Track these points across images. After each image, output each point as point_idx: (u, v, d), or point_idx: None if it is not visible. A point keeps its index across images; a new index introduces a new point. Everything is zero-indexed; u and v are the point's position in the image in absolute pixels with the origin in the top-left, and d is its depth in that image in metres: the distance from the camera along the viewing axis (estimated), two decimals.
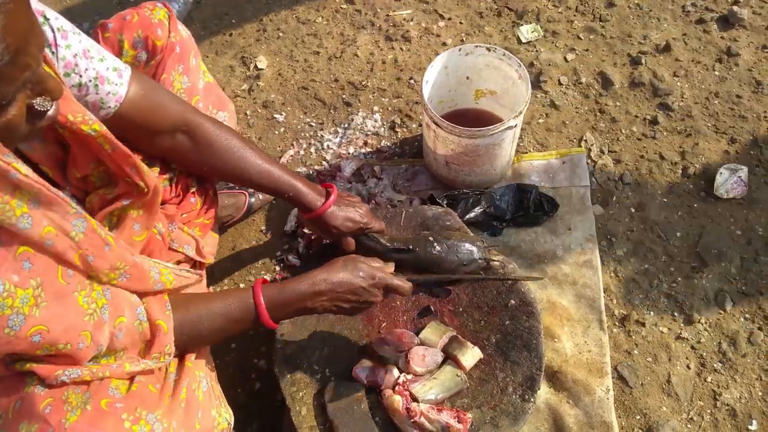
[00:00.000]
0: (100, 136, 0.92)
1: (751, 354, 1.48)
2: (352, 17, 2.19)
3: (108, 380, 0.87)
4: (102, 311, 0.86)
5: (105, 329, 0.87)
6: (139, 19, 1.13)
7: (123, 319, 0.90)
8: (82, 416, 0.79)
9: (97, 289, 0.87)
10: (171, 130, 1.12)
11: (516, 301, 1.30)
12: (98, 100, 0.99)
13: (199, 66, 1.28)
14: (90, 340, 0.84)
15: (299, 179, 1.23)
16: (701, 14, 2.08)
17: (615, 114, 1.89)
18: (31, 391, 0.81)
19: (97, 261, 0.87)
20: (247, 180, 1.20)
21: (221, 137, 1.16)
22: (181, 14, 2.20)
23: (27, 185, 0.76)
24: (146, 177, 1.01)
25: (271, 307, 1.06)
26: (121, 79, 1.02)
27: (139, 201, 1.03)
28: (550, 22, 2.11)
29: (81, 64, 0.95)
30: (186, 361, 1.01)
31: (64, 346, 0.81)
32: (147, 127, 1.09)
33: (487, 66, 1.65)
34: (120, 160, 0.97)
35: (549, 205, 1.67)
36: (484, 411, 1.19)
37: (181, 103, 1.14)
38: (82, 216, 0.85)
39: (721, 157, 1.78)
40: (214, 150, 1.16)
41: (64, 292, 0.81)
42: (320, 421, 1.19)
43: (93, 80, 0.97)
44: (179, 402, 0.92)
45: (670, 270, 1.61)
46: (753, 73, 1.93)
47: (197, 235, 1.25)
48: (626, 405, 1.44)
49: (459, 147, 1.55)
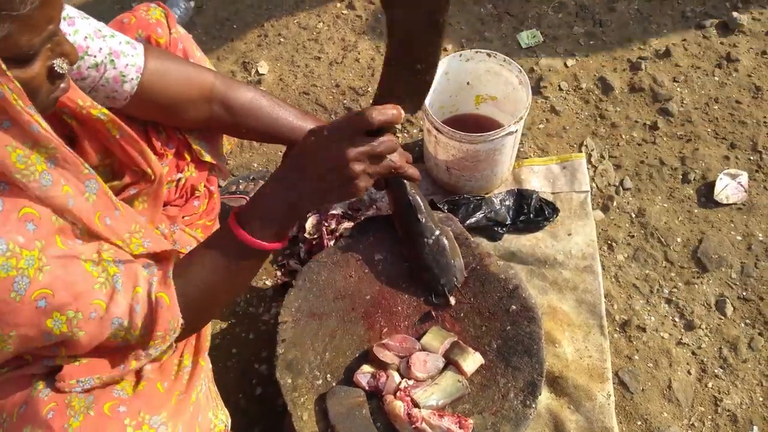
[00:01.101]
0: (109, 120, 0.94)
1: (751, 359, 1.48)
2: (353, 23, 2.20)
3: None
4: (115, 279, 0.82)
5: (120, 300, 0.82)
6: (137, 20, 1.14)
7: (140, 289, 0.85)
8: (84, 421, 0.79)
9: (107, 258, 0.83)
10: (202, 98, 1.13)
11: (517, 307, 1.30)
12: (118, 74, 1.00)
13: (204, 58, 1.30)
14: (104, 310, 0.81)
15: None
16: (701, 20, 2.08)
17: (615, 119, 1.89)
18: (35, 395, 0.81)
19: (113, 223, 0.86)
20: (283, 137, 1.22)
21: (253, 99, 1.18)
22: (182, 19, 2.21)
23: (46, 140, 0.76)
24: (153, 164, 1.02)
25: (246, 220, 0.91)
26: (136, 50, 1.03)
27: (146, 190, 1.03)
28: (550, 27, 2.12)
29: (93, 45, 0.97)
30: (200, 359, 1.00)
31: (74, 314, 0.78)
32: (177, 97, 1.10)
33: (487, 72, 1.66)
34: (129, 145, 0.98)
35: (549, 210, 1.67)
36: (486, 416, 1.19)
37: (207, 70, 1.16)
38: (93, 177, 0.85)
39: (721, 162, 1.78)
40: (249, 112, 1.18)
41: (67, 256, 0.78)
42: (322, 427, 1.19)
43: (108, 56, 0.98)
44: (189, 404, 0.90)
45: (670, 275, 1.61)
46: (752, 79, 1.93)
47: (200, 236, 1.25)
48: (627, 411, 1.44)
49: (460, 152, 1.55)
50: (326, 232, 1.64)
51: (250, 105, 1.18)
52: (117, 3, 2.35)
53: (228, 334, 1.61)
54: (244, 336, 1.61)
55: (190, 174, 1.24)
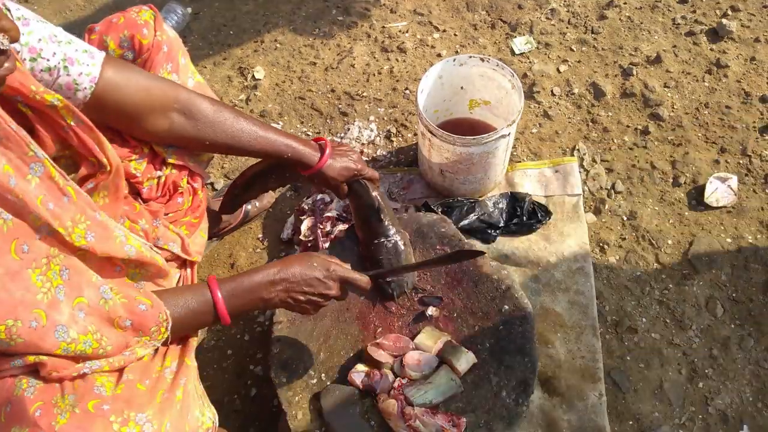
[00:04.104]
0: (63, 107, 0.93)
1: (741, 360, 1.50)
2: (349, 29, 2.23)
3: (93, 378, 0.87)
4: (57, 291, 0.85)
5: (63, 309, 0.84)
6: (125, 20, 1.15)
7: (82, 299, 0.88)
8: (71, 419, 0.79)
9: (54, 269, 0.85)
10: (163, 109, 1.13)
11: (510, 307, 1.32)
12: (71, 81, 1.00)
13: (189, 65, 1.29)
14: (45, 320, 0.82)
15: (294, 139, 1.26)
16: (691, 27, 2.12)
17: (607, 124, 1.92)
18: (20, 394, 0.81)
19: (57, 209, 0.86)
20: (247, 149, 1.22)
21: (217, 111, 1.18)
22: (179, 25, 2.23)
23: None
24: (109, 154, 1.01)
25: (227, 297, 1.05)
26: (93, 60, 1.02)
27: (104, 182, 1.02)
28: (543, 34, 2.15)
29: (46, 48, 0.96)
30: (186, 359, 1.01)
31: (13, 323, 0.79)
32: (135, 109, 1.09)
33: (481, 76, 1.68)
34: (83, 133, 0.97)
35: (542, 213, 1.69)
36: (479, 415, 1.20)
37: (169, 83, 1.15)
38: (39, 161, 0.84)
39: (711, 166, 1.81)
40: (213, 124, 1.18)
41: (16, 268, 0.80)
42: (316, 426, 1.20)
43: (62, 62, 0.98)
44: (175, 401, 0.91)
45: (661, 277, 1.63)
46: (742, 84, 1.97)
47: (184, 233, 1.25)
48: (619, 410, 1.45)
49: (453, 155, 1.57)
50: (321, 234, 1.66)
51: (214, 116, 1.18)
52: (113, 9, 2.37)
53: (223, 335, 1.62)
54: (239, 338, 1.62)
55: (170, 171, 1.24)
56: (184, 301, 1.03)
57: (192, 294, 1.04)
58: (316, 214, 1.72)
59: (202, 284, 1.06)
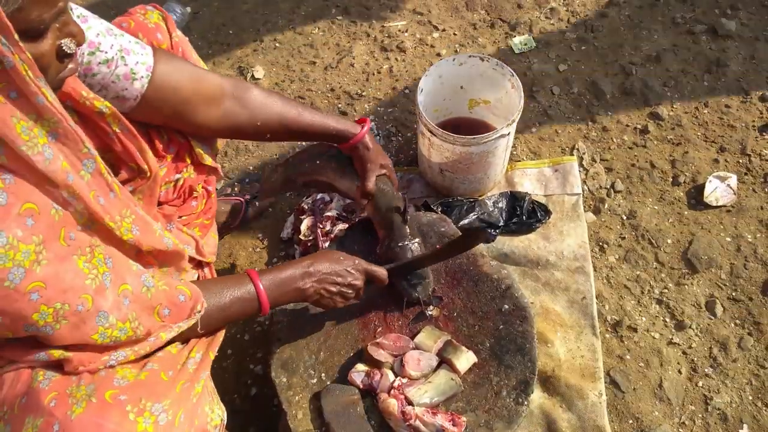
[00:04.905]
0: (110, 114, 0.97)
1: (741, 359, 1.50)
2: (348, 28, 2.23)
3: (114, 371, 0.88)
4: (104, 277, 0.87)
5: (108, 295, 0.86)
6: (136, 24, 1.15)
7: (127, 286, 0.90)
8: (87, 408, 0.80)
9: (99, 257, 0.87)
10: (215, 97, 1.16)
11: (509, 306, 1.32)
12: (129, 71, 1.02)
13: (199, 62, 1.32)
14: (91, 304, 0.84)
15: (332, 118, 1.32)
16: (690, 26, 2.12)
17: (606, 123, 1.92)
18: (36, 386, 0.82)
19: (107, 204, 0.89)
20: (293, 128, 1.27)
21: (265, 94, 1.24)
22: (178, 25, 2.23)
23: (50, 112, 0.78)
24: (150, 160, 1.05)
25: (268, 287, 1.10)
26: (145, 50, 1.05)
27: (141, 187, 1.06)
28: (542, 33, 2.15)
29: (104, 41, 0.99)
30: (210, 352, 1.02)
31: (61, 306, 0.80)
32: (189, 98, 1.12)
33: (480, 76, 1.68)
34: (128, 140, 1.00)
35: (542, 212, 1.69)
36: (479, 414, 1.20)
37: (215, 73, 1.20)
38: (92, 157, 0.87)
39: (710, 165, 1.81)
40: (263, 106, 1.23)
41: (64, 254, 0.81)
42: (316, 425, 1.20)
43: (119, 53, 1.01)
44: (193, 393, 0.92)
45: (661, 276, 1.63)
46: (741, 83, 1.97)
47: (197, 235, 1.26)
48: (619, 409, 1.45)
49: (453, 155, 1.57)
50: (321, 233, 1.66)
51: (264, 99, 1.23)
52: (113, 8, 2.37)
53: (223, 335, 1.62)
54: (239, 337, 1.62)
55: (189, 175, 1.25)
56: (230, 290, 1.07)
57: (235, 284, 1.08)
58: (315, 213, 1.72)
59: (243, 275, 1.10)
